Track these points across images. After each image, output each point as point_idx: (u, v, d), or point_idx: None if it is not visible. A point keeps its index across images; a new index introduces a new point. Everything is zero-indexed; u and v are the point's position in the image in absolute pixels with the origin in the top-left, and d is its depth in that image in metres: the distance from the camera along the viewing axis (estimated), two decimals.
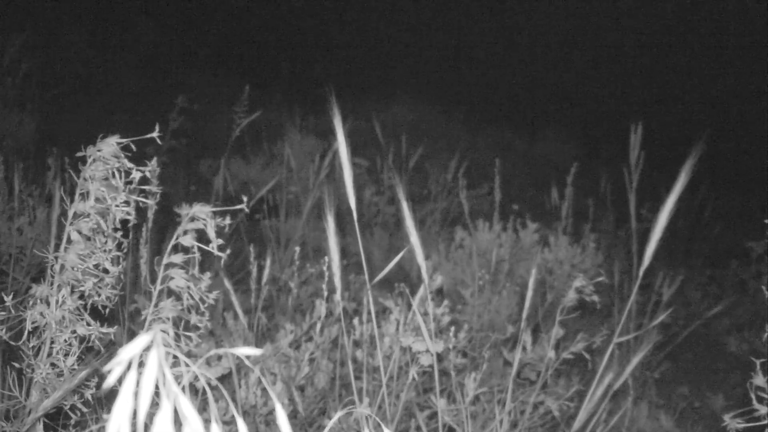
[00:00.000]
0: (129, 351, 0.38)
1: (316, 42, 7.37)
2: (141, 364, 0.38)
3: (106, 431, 0.36)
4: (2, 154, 2.32)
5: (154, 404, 0.39)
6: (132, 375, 0.37)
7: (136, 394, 0.37)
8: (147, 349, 0.38)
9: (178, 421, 0.40)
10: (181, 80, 5.58)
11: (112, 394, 1.37)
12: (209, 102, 4.94)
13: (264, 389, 1.68)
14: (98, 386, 1.06)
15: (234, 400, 1.64)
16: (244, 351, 0.46)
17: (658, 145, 3.31)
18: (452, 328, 1.74)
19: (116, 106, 4.68)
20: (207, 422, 0.44)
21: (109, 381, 0.37)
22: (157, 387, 0.38)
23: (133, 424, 0.38)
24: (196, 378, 1.52)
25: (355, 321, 1.83)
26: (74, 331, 0.99)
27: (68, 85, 4.68)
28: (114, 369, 0.37)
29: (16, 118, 3.57)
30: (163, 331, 1.00)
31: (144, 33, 6.14)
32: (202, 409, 1.53)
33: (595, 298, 1.56)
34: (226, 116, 2.96)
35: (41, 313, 0.97)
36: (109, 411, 1.30)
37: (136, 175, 0.97)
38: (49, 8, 5.69)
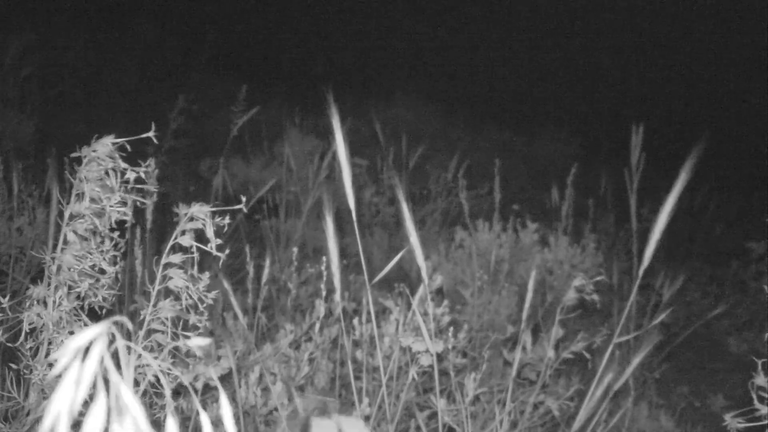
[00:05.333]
0: (77, 341, 0.38)
1: (316, 42, 7.37)
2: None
3: (44, 420, 0.37)
4: (2, 154, 2.32)
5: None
6: (75, 365, 0.38)
7: (75, 384, 0.38)
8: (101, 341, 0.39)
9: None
10: (181, 80, 5.57)
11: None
12: (209, 102, 4.94)
13: (264, 389, 1.68)
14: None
15: (234, 399, 1.64)
16: (197, 342, 0.47)
17: (658, 145, 3.31)
18: (452, 328, 1.74)
19: (116, 106, 4.68)
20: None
21: (55, 371, 0.37)
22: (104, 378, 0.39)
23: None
24: (196, 378, 1.52)
25: (355, 321, 1.83)
26: (72, 332, 0.99)
27: (68, 85, 4.68)
28: (60, 359, 0.38)
29: (16, 118, 3.57)
30: (117, 323, 1.00)
31: (144, 33, 6.14)
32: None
33: (595, 297, 1.56)
34: (226, 116, 2.96)
35: (38, 314, 0.97)
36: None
37: (130, 176, 0.97)
38: (49, 8, 5.69)
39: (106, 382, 0.38)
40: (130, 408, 0.38)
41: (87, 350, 0.38)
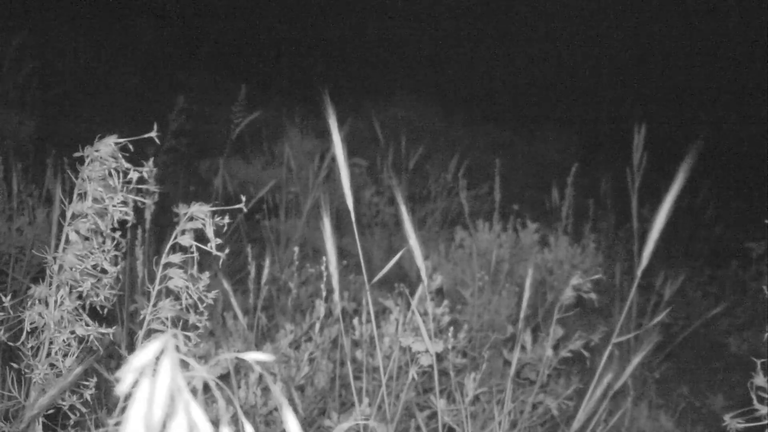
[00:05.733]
0: (142, 357, 0.37)
1: (316, 42, 7.37)
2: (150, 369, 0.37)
3: None
4: (2, 154, 2.32)
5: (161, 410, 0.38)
6: (145, 382, 0.37)
7: (149, 401, 0.37)
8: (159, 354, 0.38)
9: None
10: (181, 80, 5.58)
11: (111, 394, 1.36)
12: (209, 102, 4.94)
13: (264, 389, 1.68)
14: (97, 386, 1.06)
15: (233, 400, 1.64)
16: (256, 356, 0.45)
17: (658, 145, 3.31)
18: (452, 328, 1.74)
19: (116, 106, 4.68)
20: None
21: (123, 388, 0.36)
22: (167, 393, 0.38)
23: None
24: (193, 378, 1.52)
25: (355, 321, 1.83)
26: (73, 332, 0.99)
27: (68, 85, 4.68)
28: (126, 376, 0.37)
29: (16, 118, 3.57)
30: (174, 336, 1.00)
31: (144, 33, 6.14)
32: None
33: (593, 295, 1.56)
34: (226, 116, 2.96)
35: (40, 314, 0.97)
36: (109, 412, 1.29)
37: (133, 175, 0.97)
38: (49, 8, 5.69)
39: (173, 398, 0.37)
40: (201, 426, 0.37)
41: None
